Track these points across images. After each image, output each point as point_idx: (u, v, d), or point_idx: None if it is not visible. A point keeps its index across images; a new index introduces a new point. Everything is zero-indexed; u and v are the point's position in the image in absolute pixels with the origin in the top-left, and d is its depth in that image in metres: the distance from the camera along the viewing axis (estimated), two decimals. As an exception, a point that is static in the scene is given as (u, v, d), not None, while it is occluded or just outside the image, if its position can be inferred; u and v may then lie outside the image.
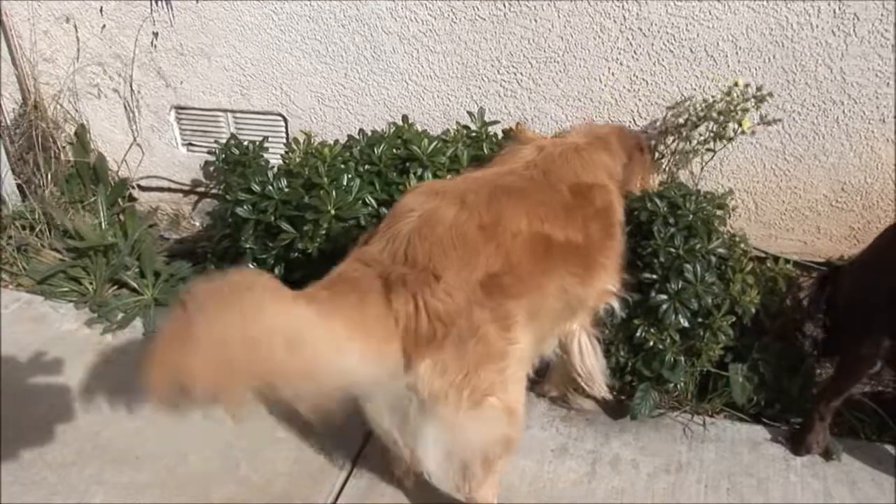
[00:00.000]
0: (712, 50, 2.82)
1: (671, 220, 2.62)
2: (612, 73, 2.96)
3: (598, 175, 2.36)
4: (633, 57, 2.91)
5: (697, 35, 2.82)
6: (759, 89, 2.78)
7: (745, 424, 2.74)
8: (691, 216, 2.60)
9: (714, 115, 2.83)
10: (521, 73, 3.06)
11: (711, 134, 2.87)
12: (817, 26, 2.69)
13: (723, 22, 2.77)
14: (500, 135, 2.98)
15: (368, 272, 1.85)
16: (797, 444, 2.61)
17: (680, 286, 2.53)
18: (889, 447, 2.65)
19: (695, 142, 2.93)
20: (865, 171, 2.89)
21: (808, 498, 2.46)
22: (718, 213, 2.69)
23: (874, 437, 2.68)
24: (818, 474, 2.54)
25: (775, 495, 2.47)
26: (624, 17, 2.84)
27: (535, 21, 2.93)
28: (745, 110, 2.78)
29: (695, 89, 2.90)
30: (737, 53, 2.81)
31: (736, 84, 2.79)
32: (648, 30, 2.84)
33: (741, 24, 2.75)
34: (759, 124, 2.82)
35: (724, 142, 2.86)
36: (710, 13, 2.76)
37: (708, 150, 2.92)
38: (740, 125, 2.78)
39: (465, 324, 1.84)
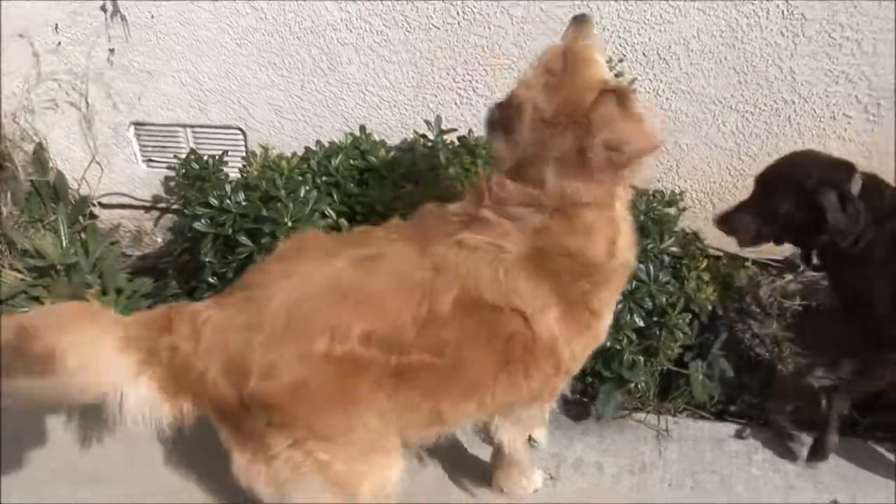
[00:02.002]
0: (665, 53, 2.85)
1: (622, 222, 2.64)
2: (567, 78, 2.98)
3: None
4: (586, 61, 2.92)
5: (650, 39, 2.84)
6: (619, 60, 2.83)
7: (707, 422, 2.77)
8: (643, 216, 2.62)
9: None
10: (477, 81, 3.07)
11: None
12: (766, 27, 2.73)
13: (674, 25, 2.80)
14: (457, 143, 2.98)
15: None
16: (816, 451, 2.56)
17: (633, 286, 2.54)
18: (851, 440, 2.67)
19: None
20: (819, 169, 2.93)
21: (770, 492, 2.50)
22: (669, 211, 2.70)
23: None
24: (779, 469, 2.57)
25: (738, 490, 2.51)
26: (577, 22, 2.86)
27: (489, 28, 2.95)
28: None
29: (649, 92, 2.93)
30: (689, 56, 2.84)
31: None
32: (601, 34, 2.85)
33: (692, 27, 2.78)
34: None
35: None
36: (661, 17, 2.79)
37: None
38: None
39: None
